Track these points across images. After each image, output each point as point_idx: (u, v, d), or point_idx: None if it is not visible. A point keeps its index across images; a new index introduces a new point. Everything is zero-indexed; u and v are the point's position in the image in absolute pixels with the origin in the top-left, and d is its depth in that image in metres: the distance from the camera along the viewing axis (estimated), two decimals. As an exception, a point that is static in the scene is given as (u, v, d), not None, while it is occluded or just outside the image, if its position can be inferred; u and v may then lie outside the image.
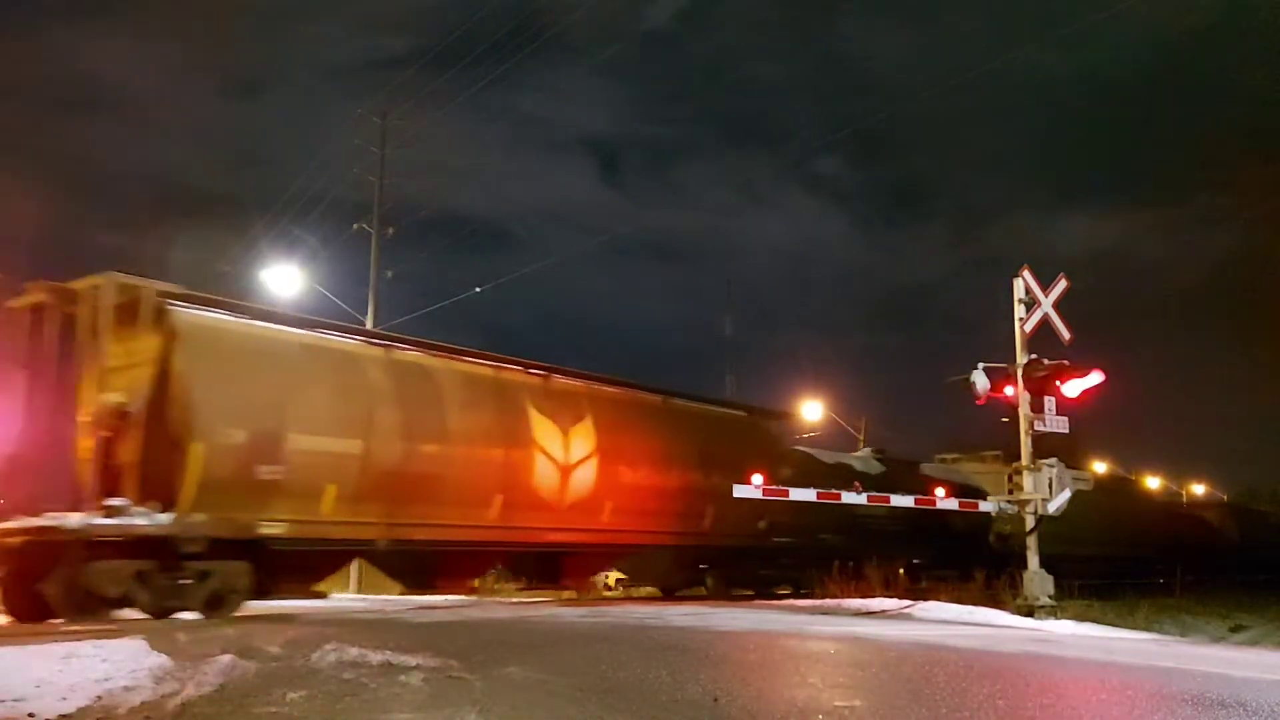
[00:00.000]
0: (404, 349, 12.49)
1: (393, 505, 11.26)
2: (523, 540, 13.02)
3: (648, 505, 14.44)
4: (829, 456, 20.32)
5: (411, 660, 5.17)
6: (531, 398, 13.25)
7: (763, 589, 16.60)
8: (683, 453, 15.21)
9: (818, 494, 13.70)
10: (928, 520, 19.01)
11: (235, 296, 13.83)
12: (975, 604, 12.62)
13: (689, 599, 15.95)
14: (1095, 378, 12.17)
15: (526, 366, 13.87)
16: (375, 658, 5.25)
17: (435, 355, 12.78)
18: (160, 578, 9.35)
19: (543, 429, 13.10)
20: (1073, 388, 12.24)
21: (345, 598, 16.52)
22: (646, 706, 4.27)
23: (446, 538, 12.00)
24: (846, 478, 19.12)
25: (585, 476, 13.49)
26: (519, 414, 12.98)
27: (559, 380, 14.08)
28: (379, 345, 12.19)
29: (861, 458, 21.73)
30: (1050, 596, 11.93)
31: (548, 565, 14.36)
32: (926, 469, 22.76)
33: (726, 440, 16.20)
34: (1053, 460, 12.29)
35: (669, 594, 16.13)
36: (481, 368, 13.18)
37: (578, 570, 14.95)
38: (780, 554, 17.09)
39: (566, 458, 13.27)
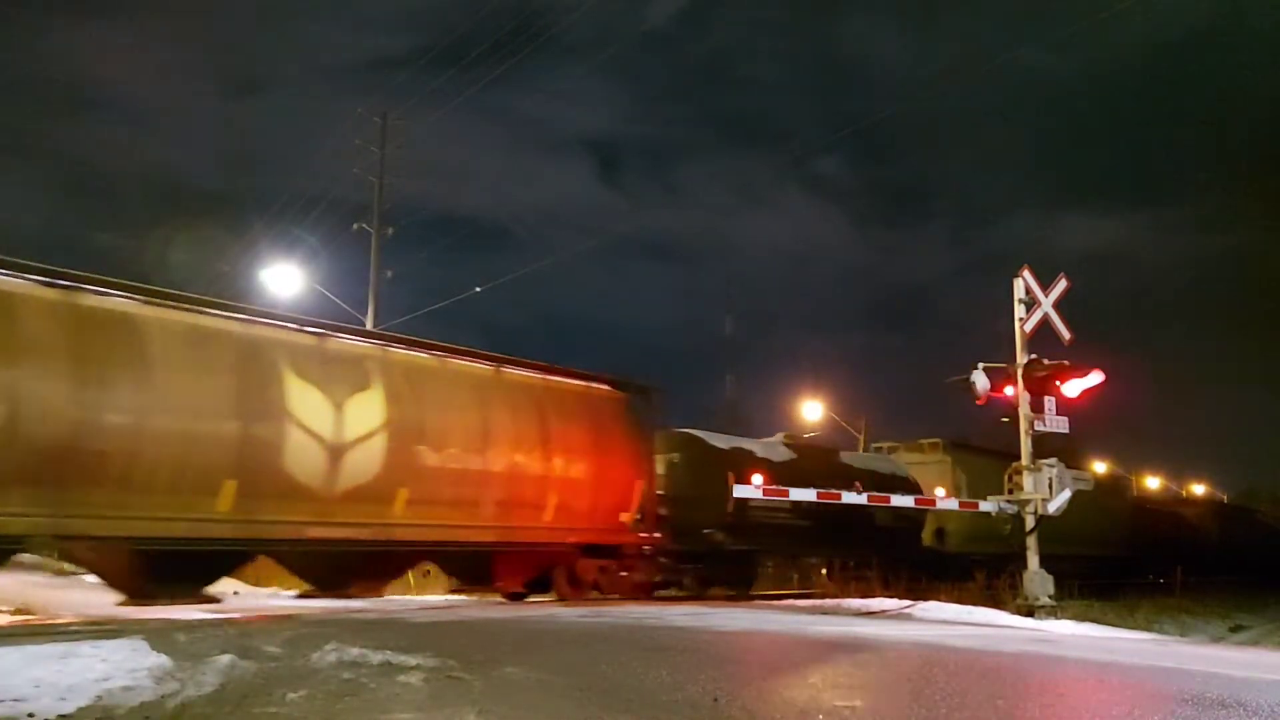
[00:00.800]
0: (96, 293, 9.82)
1: (59, 490, 9.08)
2: (270, 536, 10.73)
3: (463, 494, 12.15)
4: (723, 440, 18.12)
5: (411, 660, 5.17)
6: (292, 361, 10.86)
7: (634, 593, 14.23)
8: (518, 431, 12.93)
9: (818, 494, 13.57)
10: (847, 517, 17.09)
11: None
12: (975, 604, 12.63)
13: (605, 602, 13.89)
14: (1095, 377, 12.18)
15: (301, 324, 11.63)
16: (375, 658, 5.25)
17: (151, 304, 10.14)
18: None
19: (304, 399, 10.75)
20: (1073, 388, 12.25)
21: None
22: (646, 706, 4.27)
23: (150, 533, 9.63)
24: (739, 465, 17.03)
25: (367, 458, 11.19)
26: (269, 380, 10.62)
27: (339, 342, 11.80)
28: (56, 288, 9.57)
29: (768, 443, 19.49)
30: (1050, 596, 11.93)
31: (333, 566, 12.03)
32: (846, 458, 21.03)
33: (580, 418, 13.95)
34: (1053, 460, 12.29)
35: (514, 599, 13.86)
36: (221, 322, 10.69)
37: (371, 571, 12.55)
38: (657, 553, 15.03)
39: (338, 435, 10.93)
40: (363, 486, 11.11)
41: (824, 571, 20.89)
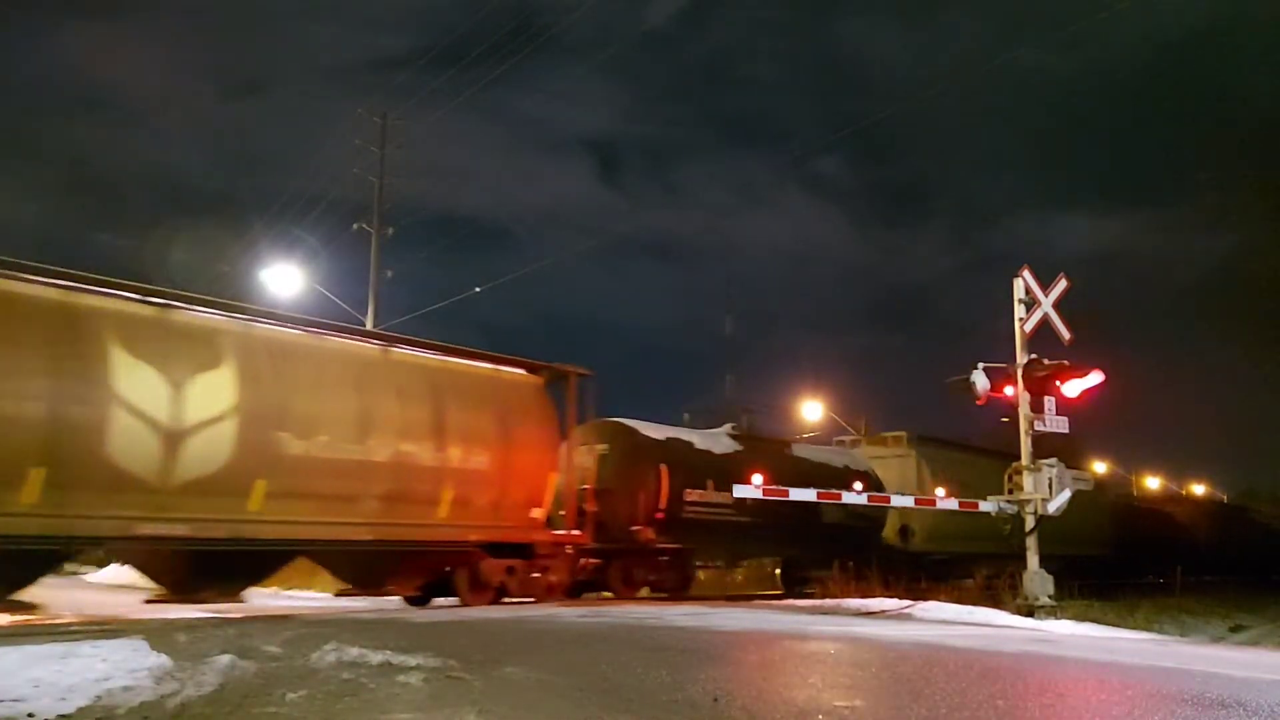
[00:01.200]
0: None
1: None
2: (89, 534, 9.53)
3: (337, 487, 10.93)
4: (657, 431, 16.61)
5: (411, 660, 5.17)
6: (121, 334, 9.60)
7: (548, 596, 12.99)
8: (406, 418, 11.74)
9: (818, 494, 13.53)
10: (794, 513, 16.00)
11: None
12: (975, 604, 12.62)
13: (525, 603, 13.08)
14: (1095, 378, 12.17)
15: (144, 294, 10.12)
16: (375, 658, 5.25)
17: None
18: None
19: (134, 378, 9.51)
20: (1073, 388, 12.24)
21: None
22: (646, 706, 4.27)
23: None
24: (674, 457, 15.94)
25: (213, 446, 9.93)
26: (90, 355, 9.39)
27: (187, 315, 10.40)
28: None
29: (710, 434, 18.15)
30: (1050, 596, 11.93)
31: (184, 565, 10.55)
32: (799, 450, 19.64)
33: (485, 404, 12.71)
34: (1053, 460, 12.28)
35: (414, 604, 12.70)
36: (29, 288, 9.33)
37: (226, 572, 10.74)
38: (580, 552, 13.93)
39: (177, 419, 9.69)
40: (208, 478, 9.90)
41: (777, 572, 20.35)
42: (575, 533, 13.66)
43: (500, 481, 12.58)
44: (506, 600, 12.71)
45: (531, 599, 12.67)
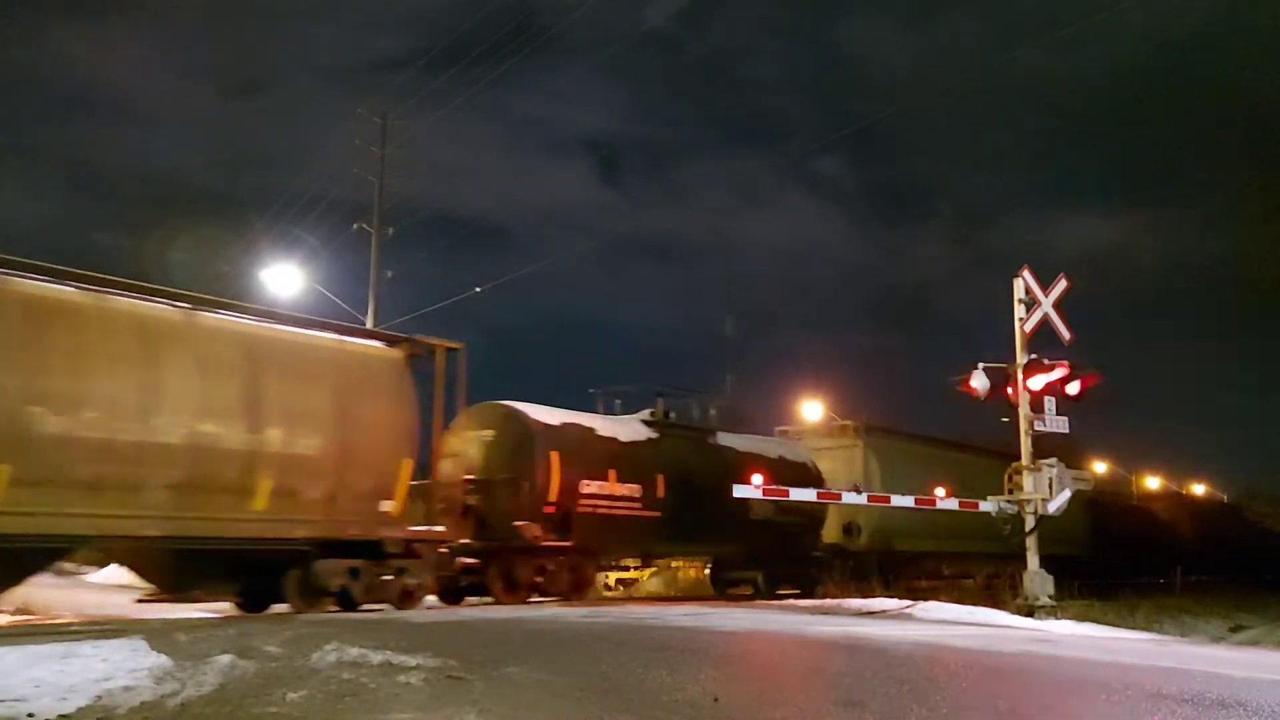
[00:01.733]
0: None
1: None
2: None
3: (111, 473, 9.23)
4: (552, 416, 14.60)
5: (411, 660, 5.17)
6: None
7: (403, 603, 11.23)
8: (209, 393, 9.96)
9: (818, 494, 13.57)
10: (714, 509, 14.27)
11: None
12: (975, 604, 12.63)
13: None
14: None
15: None
16: (375, 658, 5.25)
17: None
18: None
19: None
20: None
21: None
22: (646, 706, 4.27)
23: None
24: (570, 444, 14.21)
25: None
26: None
27: None
28: None
29: (620, 420, 16.18)
30: (1050, 596, 11.94)
31: None
32: (726, 439, 17.57)
33: (320, 379, 11.00)
34: (1053, 460, 12.29)
35: (251, 609, 11.02)
36: None
37: None
38: (455, 552, 12.35)
39: None
40: None
41: (706, 571, 19.42)
42: (437, 529, 11.80)
43: (338, 469, 10.85)
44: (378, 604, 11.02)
45: (384, 605, 11.00)
